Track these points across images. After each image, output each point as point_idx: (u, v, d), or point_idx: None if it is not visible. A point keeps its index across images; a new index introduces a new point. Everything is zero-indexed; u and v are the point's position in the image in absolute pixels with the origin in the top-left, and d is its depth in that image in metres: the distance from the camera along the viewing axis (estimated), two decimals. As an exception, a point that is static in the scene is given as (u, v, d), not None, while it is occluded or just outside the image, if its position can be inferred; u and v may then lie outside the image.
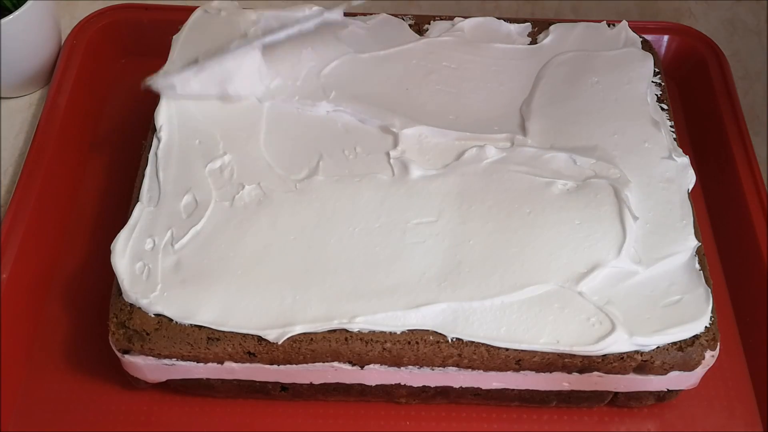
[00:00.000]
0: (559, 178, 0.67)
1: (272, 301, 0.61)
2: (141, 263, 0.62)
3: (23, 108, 0.88)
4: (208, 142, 0.69)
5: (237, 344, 0.61)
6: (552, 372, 0.63)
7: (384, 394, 0.67)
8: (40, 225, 0.74)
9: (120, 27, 0.89)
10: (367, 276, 0.62)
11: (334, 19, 0.59)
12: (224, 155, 0.67)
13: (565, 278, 0.62)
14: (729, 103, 0.82)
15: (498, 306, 0.61)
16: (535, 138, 0.70)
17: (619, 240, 0.63)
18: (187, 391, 0.68)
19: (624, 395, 0.67)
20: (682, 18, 0.97)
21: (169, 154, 0.68)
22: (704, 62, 0.86)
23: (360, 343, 0.61)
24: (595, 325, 0.60)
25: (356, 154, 0.69)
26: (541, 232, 0.64)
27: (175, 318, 0.60)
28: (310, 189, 0.66)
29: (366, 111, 0.71)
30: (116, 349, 0.62)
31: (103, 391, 0.69)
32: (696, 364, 0.62)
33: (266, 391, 0.67)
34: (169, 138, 0.69)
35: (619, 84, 0.74)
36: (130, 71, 0.90)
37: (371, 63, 0.75)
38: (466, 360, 0.62)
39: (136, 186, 0.67)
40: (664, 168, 0.68)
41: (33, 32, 0.83)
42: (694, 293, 0.62)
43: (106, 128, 0.86)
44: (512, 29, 0.79)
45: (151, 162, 0.67)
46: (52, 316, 0.73)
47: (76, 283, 0.75)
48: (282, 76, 0.73)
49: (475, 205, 0.66)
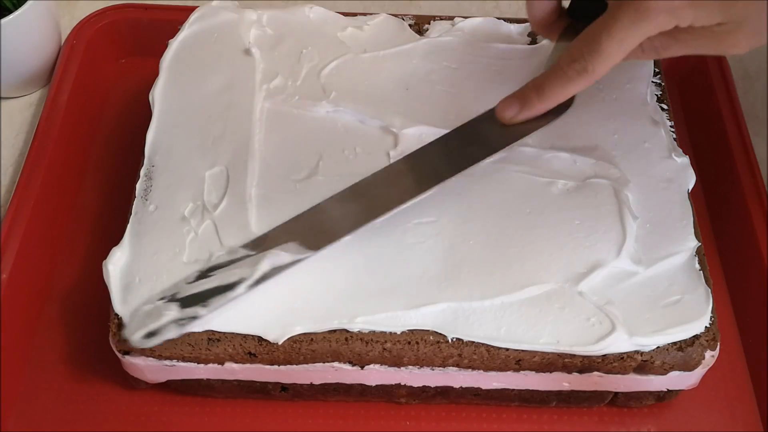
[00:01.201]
0: (559, 178, 0.67)
1: (272, 301, 0.61)
2: (137, 279, 0.62)
3: (23, 108, 0.88)
4: (208, 143, 0.68)
5: (237, 345, 0.61)
6: (552, 372, 0.63)
7: (384, 394, 0.67)
8: (40, 225, 0.74)
9: (120, 27, 0.89)
10: (367, 276, 0.62)
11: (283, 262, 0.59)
12: (224, 156, 0.67)
13: (565, 278, 0.62)
14: (729, 103, 0.82)
15: (498, 306, 0.61)
16: (535, 138, 0.70)
17: (619, 240, 0.63)
18: (187, 392, 0.68)
19: (624, 395, 0.67)
20: (682, 18, 0.97)
21: (168, 158, 0.68)
22: (704, 62, 0.86)
23: (360, 343, 0.61)
24: (595, 325, 0.60)
25: (356, 154, 0.69)
26: (541, 232, 0.64)
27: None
28: (310, 189, 0.66)
29: (366, 111, 0.71)
30: (117, 349, 0.62)
31: (103, 391, 0.69)
32: (696, 364, 0.62)
33: (266, 392, 0.67)
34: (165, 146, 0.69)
35: (619, 84, 0.74)
36: (130, 71, 0.90)
37: (371, 63, 0.75)
38: (466, 360, 0.62)
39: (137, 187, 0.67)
40: (664, 168, 0.68)
41: (33, 32, 0.83)
42: (694, 293, 0.62)
43: (106, 128, 0.86)
44: (512, 29, 0.79)
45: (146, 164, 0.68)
46: (52, 316, 0.73)
47: (76, 283, 0.75)
48: (282, 76, 0.73)
49: (475, 205, 0.66)
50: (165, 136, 0.69)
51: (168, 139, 0.69)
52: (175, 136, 0.69)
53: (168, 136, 0.69)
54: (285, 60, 0.74)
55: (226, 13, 0.77)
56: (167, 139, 0.69)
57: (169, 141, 0.69)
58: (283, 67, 0.74)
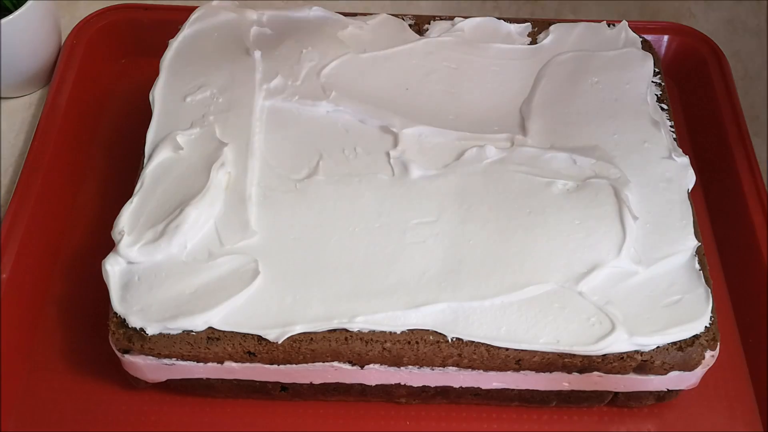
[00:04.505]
0: (559, 178, 0.67)
1: (272, 301, 0.61)
2: (136, 277, 0.62)
3: (23, 108, 0.88)
4: (207, 145, 0.68)
5: (237, 344, 0.61)
6: (552, 372, 0.63)
7: (384, 394, 0.67)
8: (40, 225, 0.75)
9: (120, 27, 0.89)
10: (367, 276, 0.62)
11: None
12: (224, 157, 0.67)
13: (565, 278, 0.62)
14: (729, 103, 0.82)
15: (498, 306, 0.61)
16: (535, 138, 0.70)
17: (619, 240, 0.63)
18: (187, 391, 0.68)
19: (624, 395, 0.67)
20: (682, 18, 0.97)
21: (169, 164, 0.68)
22: (704, 62, 0.86)
23: (360, 342, 0.61)
24: (595, 325, 0.60)
25: (356, 154, 0.69)
26: (541, 232, 0.64)
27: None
28: (310, 189, 0.66)
29: (366, 111, 0.71)
30: (116, 348, 0.62)
31: (103, 391, 0.69)
32: (696, 364, 0.62)
33: (266, 391, 0.67)
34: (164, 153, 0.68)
35: (619, 84, 0.74)
36: (130, 71, 0.90)
37: (371, 63, 0.75)
38: (466, 360, 0.62)
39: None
40: (664, 168, 0.68)
41: (33, 32, 0.83)
42: (694, 293, 0.62)
43: (106, 128, 0.86)
44: (512, 29, 0.79)
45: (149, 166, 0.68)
46: (52, 316, 0.73)
47: (75, 282, 0.75)
48: (282, 76, 0.73)
49: (475, 205, 0.66)
50: (165, 135, 0.69)
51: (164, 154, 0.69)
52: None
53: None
54: (285, 60, 0.74)
55: (226, 12, 0.77)
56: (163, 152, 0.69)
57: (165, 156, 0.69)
58: (283, 67, 0.74)
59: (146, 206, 0.64)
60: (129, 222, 0.63)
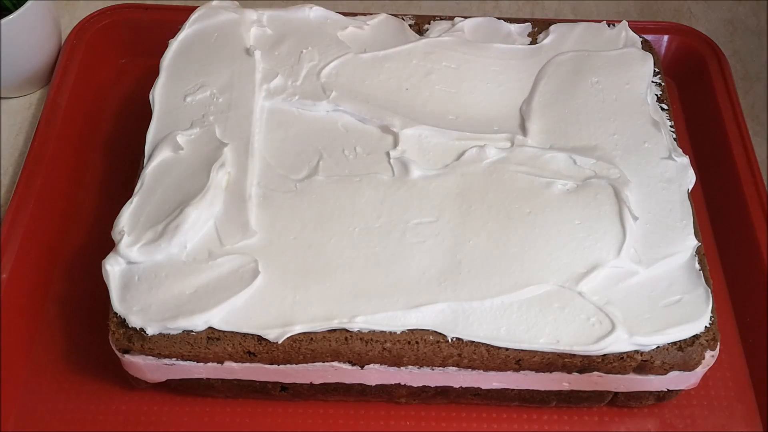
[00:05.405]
0: (559, 178, 0.67)
1: (272, 301, 0.61)
2: (136, 277, 0.62)
3: (23, 108, 0.88)
4: (207, 145, 0.68)
5: (237, 344, 0.61)
6: (552, 372, 0.63)
7: (384, 394, 0.67)
8: (40, 225, 0.74)
9: (120, 27, 0.89)
10: (367, 276, 0.62)
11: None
12: (224, 157, 0.67)
13: (565, 278, 0.62)
14: (729, 103, 0.82)
15: (498, 306, 0.61)
16: (535, 138, 0.70)
17: (619, 240, 0.63)
18: (187, 391, 0.68)
19: (624, 395, 0.67)
20: (682, 18, 0.97)
21: (171, 163, 0.68)
22: (704, 62, 0.86)
23: (360, 342, 0.61)
24: (595, 325, 0.60)
25: (356, 154, 0.69)
26: (541, 232, 0.64)
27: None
28: (310, 189, 0.66)
29: (366, 111, 0.71)
30: (116, 348, 0.62)
31: (103, 391, 0.69)
32: (696, 364, 0.62)
33: (266, 391, 0.67)
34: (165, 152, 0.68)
35: (618, 84, 0.74)
36: (130, 71, 0.90)
37: (371, 63, 0.75)
38: (466, 360, 0.62)
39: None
40: (664, 168, 0.68)
41: (33, 32, 0.83)
42: (693, 293, 0.62)
43: (106, 128, 0.86)
44: (512, 29, 0.79)
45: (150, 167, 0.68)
46: (51, 316, 0.73)
47: (75, 282, 0.75)
48: (282, 76, 0.73)
49: (475, 205, 0.66)
50: (165, 135, 0.69)
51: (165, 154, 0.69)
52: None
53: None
54: (285, 60, 0.74)
55: (226, 13, 0.77)
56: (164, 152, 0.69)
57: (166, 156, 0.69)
58: (283, 67, 0.74)
59: (146, 206, 0.65)
60: (129, 222, 0.63)
